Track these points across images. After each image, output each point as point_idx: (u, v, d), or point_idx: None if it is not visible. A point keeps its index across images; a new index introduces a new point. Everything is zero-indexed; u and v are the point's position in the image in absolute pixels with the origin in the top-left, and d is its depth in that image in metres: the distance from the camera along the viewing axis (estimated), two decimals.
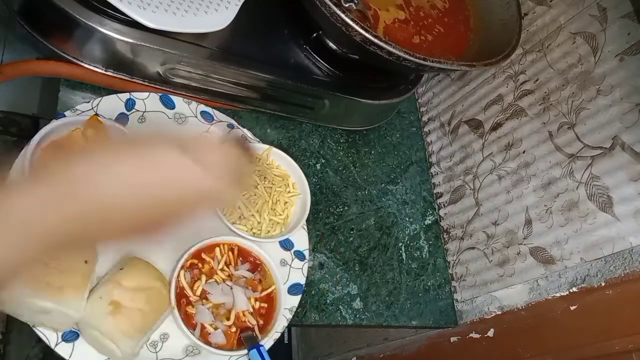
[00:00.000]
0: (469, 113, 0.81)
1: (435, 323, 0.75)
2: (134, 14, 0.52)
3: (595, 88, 0.62)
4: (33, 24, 0.56)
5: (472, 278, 0.75)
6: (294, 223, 0.63)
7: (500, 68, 0.76)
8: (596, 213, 0.60)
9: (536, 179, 0.68)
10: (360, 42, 0.56)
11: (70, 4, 0.53)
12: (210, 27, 0.56)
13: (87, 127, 0.54)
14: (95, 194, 0.32)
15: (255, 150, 0.62)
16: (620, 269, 0.58)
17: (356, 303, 0.70)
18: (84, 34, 0.55)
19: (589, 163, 0.62)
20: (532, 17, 0.72)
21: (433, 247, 0.80)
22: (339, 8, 0.54)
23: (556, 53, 0.68)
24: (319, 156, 0.75)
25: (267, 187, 0.63)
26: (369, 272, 0.72)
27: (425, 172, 0.86)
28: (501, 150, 0.74)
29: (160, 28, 0.53)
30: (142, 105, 0.60)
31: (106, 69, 0.58)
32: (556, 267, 0.64)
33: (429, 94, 0.90)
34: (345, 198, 0.75)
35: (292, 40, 0.69)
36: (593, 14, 0.63)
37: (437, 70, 0.69)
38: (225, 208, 0.60)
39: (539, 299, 0.66)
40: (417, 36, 0.67)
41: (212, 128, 0.64)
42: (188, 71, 0.61)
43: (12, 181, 0.36)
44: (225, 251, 0.58)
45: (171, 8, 0.54)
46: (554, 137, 0.66)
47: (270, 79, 0.65)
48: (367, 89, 0.73)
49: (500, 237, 0.72)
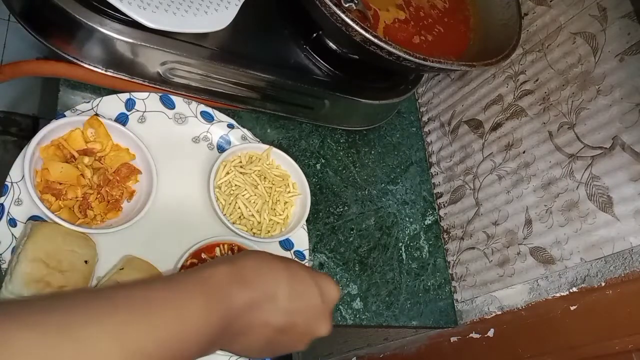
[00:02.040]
0: (469, 113, 0.81)
1: (435, 323, 0.75)
2: (134, 14, 0.52)
3: (595, 88, 0.62)
4: (33, 24, 0.56)
5: (472, 278, 0.75)
6: (294, 223, 0.63)
7: (500, 68, 0.76)
8: (596, 213, 0.60)
9: (536, 179, 0.68)
10: (360, 42, 0.56)
11: (70, 4, 0.53)
12: (210, 27, 0.56)
13: (87, 127, 0.54)
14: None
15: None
16: (620, 269, 0.58)
17: (356, 303, 0.70)
18: (84, 34, 0.55)
19: (589, 163, 0.62)
20: (532, 17, 0.72)
21: (433, 247, 0.80)
22: (339, 8, 0.54)
23: (556, 53, 0.68)
24: (319, 156, 0.75)
25: (267, 187, 0.63)
26: (369, 272, 0.72)
27: (425, 172, 0.86)
28: (501, 150, 0.74)
29: (160, 28, 0.53)
30: (142, 105, 0.60)
31: (106, 69, 0.58)
32: (556, 267, 0.64)
33: (429, 94, 0.90)
34: (345, 198, 0.75)
35: (292, 40, 0.70)
36: (593, 14, 0.63)
37: (437, 70, 0.69)
38: (225, 208, 0.60)
39: (539, 299, 0.66)
40: (417, 36, 0.67)
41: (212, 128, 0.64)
42: (188, 71, 0.61)
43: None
44: (225, 251, 0.58)
45: (171, 8, 0.54)
46: (554, 137, 0.66)
47: (270, 79, 0.65)
48: (367, 89, 0.73)
49: (500, 237, 0.72)
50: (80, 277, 0.48)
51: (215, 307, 0.35)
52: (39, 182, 0.51)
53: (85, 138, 0.54)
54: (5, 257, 0.48)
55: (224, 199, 0.61)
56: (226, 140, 0.64)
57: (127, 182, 0.56)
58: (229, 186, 0.61)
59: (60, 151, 0.53)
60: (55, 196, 0.51)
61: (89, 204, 0.53)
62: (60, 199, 0.52)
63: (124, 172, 0.55)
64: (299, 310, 0.40)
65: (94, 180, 0.53)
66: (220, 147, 0.64)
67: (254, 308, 0.38)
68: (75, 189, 0.52)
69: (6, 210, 0.50)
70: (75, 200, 0.52)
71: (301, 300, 0.40)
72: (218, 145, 0.64)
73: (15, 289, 0.45)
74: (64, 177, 0.52)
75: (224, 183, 0.61)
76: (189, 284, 0.36)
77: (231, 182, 0.62)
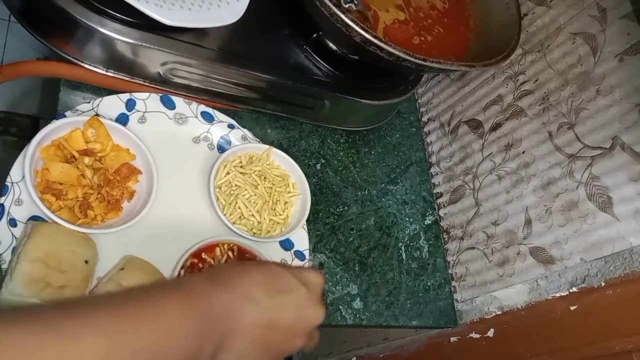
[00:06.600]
0: (468, 113, 0.81)
1: (435, 323, 0.75)
2: (152, 13, 0.52)
3: (595, 88, 0.62)
4: (33, 24, 0.56)
5: (472, 278, 0.75)
6: (294, 223, 0.64)
7: (500, 68, 0.76)
8: (596, 213, 0.60)
9: (536, 179, 0.68)
10: (360, 42, 0.56)
11: (70, 4, 0.53)
12: (223, 21, 0.57)
13: (88, 127, 0.54)
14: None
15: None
16: (620, 269, 0.58)
17: (356, 303, 0.70)
18: (84, 34, 0.55)
19: (588, 163, 0.62)
20: (532, 17, 0.72)
21: (433, 247, 0.80)
22: (339, 9, 0.54)
23: (556, 53, 0.68)
24: (319, 156, 0.75)
25: (267, 187, 0.63)
26: (369, 272, 0.72)
27: (425, 172, 0.86)
28: (501, 151, 0.74)
29: (177, 25, 0.54)
30: (142, 105, 0.60)
31: (107, 69, 0.58)
32: (556, 267, 0.64)
33: (429, 94, 0.90)
34: (345, 198, 0.75)
35: (292, 41, 0.70)
36: (593, 14, 0.63)
37: (437, 70, 0.69)
38: (225, 208, 0.60)
39: (539, 299, 0.66)
40: (416, 37, 0.67)
41: (212, 128, 0.64)
42: (188, 71, 0.61)
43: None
44: (225, 251, 0.58)
45: (186, 4, 0.55)
46: (553, 137, 0.66)
47: (271, 79, 0.65)
48: (367, 89, 0.73)
49: (500, 237, 0.72)
50: (80, 277, 0.48)
51: (194, 305, 0.35)
52: (40, 182, 0.51)
53: (86, 138, 0.54)
54: (5, 257, 0.48)
55: (224, 199, 0.61)
56: (226, 141, 0.65)
57: (127, 182, 0.56)
58: (229, 186, 0.62)
59: (60, 151, 0.53)
60: (55, 196, 0.51)
61: (89, 204, 0.53)
62: (61, 199, 0.52)
63: (124, 172, 0.55)
64: (282, 305, 0.40)
65: (94, 181, 0.53)
66: (220, 147, 0.64)
67: (235, 310, 0.37)
68: (75, 189, 0.52)
69: (6, 210, 0.50)
70: (75, 200, 0.52)
71: (282, 295, 0.40)
72: (218, 145, 0.64)
73: (15, 289, 0.45)
74: (65, 177, 0.52)
75: (224, 183, 0.61)
76: (166, 288, 0.37)
77: (231, 182, 0.62)
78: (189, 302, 0.35)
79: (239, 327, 0.37)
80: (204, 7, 0.56)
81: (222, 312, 0.37)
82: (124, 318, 0.31)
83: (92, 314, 0.31)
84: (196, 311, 0.35)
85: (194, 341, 0.34)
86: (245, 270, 0.40)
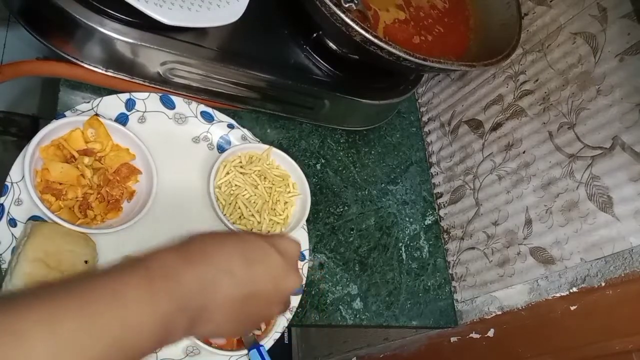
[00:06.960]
0: (469, 113, 0.81)
1: (435, 323, 0.75)
2: (152, 12, 0.52)
3: (595, 88, 0.62)
4: (33, 24, 0.56)
5: (472, 278, 0.75)
6: (294, 223, 0.63)
7: (500, 68, 0.76)
8: (596, 213, 0.60)
9: (536, 179, 0.68)
10: (360, 42, 0.56)
11: (70, 4, 0.53)
12: (223, 20, 0.57)
13: (88, 127, 0.54)
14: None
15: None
16: (620, 269, 0.58)
17: (356, 303, 0.70)
18: (84, 34, 0.55)
19: (589, 163, 0.62)
20: (532, 17, 0.72)
21: (433, 247, 0.80)
22: (339, 8, 0.54)
23: (556, 53, 0.68)
24: (319, 156, 0.75)
25: (267, 187, 0.63)
26: (369, 272, 0.72)
27: (425, 172, 0.86)
28: (501, 151, 0.74)
29: (177, 24, 0.54)
30: (142, 105, 0.60)
31: (106, 69, 0.58)
32: (556, 267, 0.64)
33: (429, 94, 0.90)
34: (345, 198, 0.75)
35: (292, 41, 0.70)
36: (593, 14, 0.63)
37: (437, 70, 0.69)
38: (225, 208, 0.60)
39: (539, 299, 0.66)
40: (417, 36, 0.67)
41: (212, 128, 0.64)
42: (188, 71, 0.61)
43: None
44: None
45: (186, 4, 0.55)
46: (554, 137, 0.66)
47: (270, 79, 0.65)
48: (367, 89, 0.73)
49: (500, 237, 0.72)
50: None
51: (160, 287, 0.32)
52: (39, 182, 0.51)
53: (86, 138, 0.54)
54: (5, 257, 0.48)
55: (224, 199, 0.61)
56: (226, 140, 0.64)
57: (127, 182, 0.56)
58: (229, 186, 0.61)
59: (60, 151, 0.53)
60: (55, 196, 0.51)
61: (89, 204, 0.53)
62: (61, 199, 0.52)
63: (124, 172, 0.55)
64: (260, 275, 0.38)
65: (94, 180, 0.53)
66: (220, 147, 0.64)
67: (211, 285, 0.35)
68: (75, 189, 0.52)
69: (6, 210, 0.50)
70: (75, 200, 0.52)
71: (259, 265, 0.38)
72: (218, 145, 0.64)
73: (15, 289, 0.45)
74: (64, 177, 0.52)
75: (224, 183, 0.61)
76: (127, 269, 0.33)
77: (231, 182, 0.62)
78: (153, 284, 0.32)
79: (214, 302, 0.35)
80: (203, 7, 0.56)
81: (195, 288, 0.34)
82: (77, 311, 0.28)
83: (38, 308, 0.27)
84: (163, 293, 0.32)
85: (160, 328, 0.32)
86: (220, 241, 0.38)
